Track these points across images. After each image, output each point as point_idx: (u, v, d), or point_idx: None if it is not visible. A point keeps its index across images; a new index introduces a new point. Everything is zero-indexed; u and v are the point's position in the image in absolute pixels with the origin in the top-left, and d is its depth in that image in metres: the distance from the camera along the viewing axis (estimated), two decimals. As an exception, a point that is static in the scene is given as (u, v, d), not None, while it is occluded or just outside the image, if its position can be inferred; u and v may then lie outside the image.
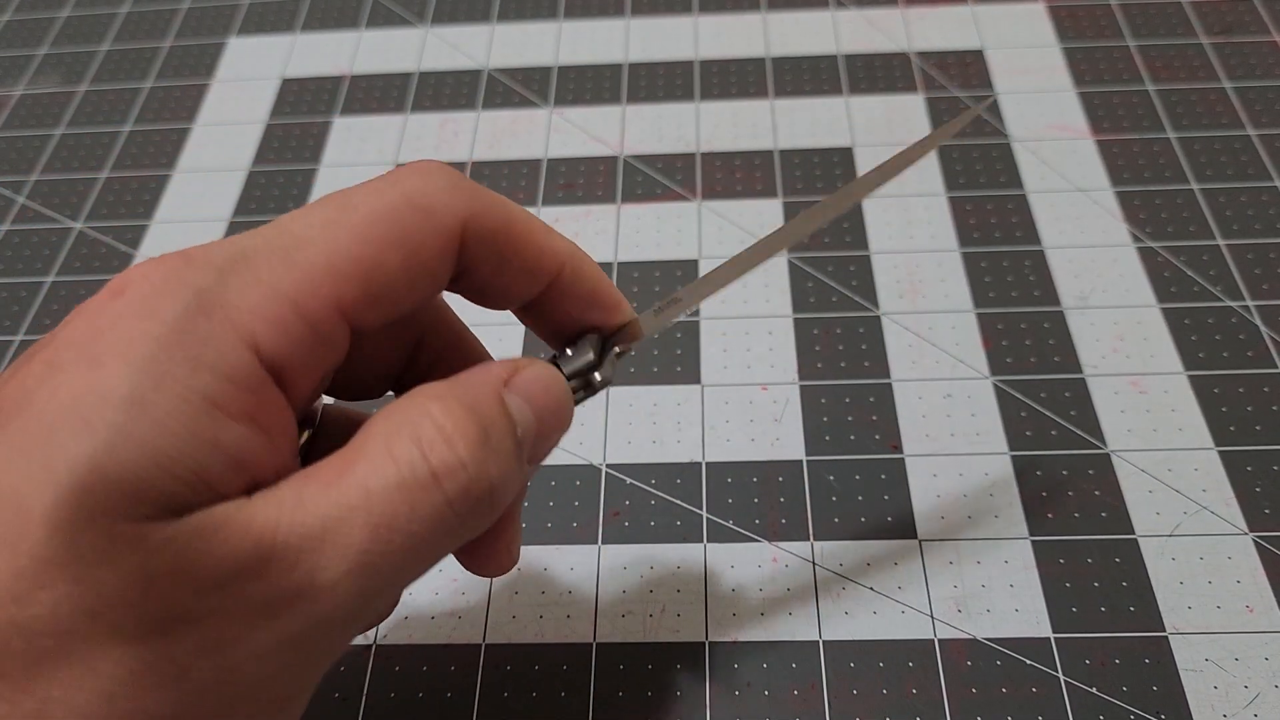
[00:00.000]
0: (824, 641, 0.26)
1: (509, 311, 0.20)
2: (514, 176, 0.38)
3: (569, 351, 0.20)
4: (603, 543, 0.29)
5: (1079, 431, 0.30)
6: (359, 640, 0.27)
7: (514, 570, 0.28)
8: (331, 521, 0.15)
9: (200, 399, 0.14)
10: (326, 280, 0.15)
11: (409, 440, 0.15)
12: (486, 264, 0.18)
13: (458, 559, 0.21)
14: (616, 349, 0.20)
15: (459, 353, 0.21)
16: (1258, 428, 0.30)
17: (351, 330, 0.16)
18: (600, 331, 0.20)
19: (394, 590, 0.16)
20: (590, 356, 0.20)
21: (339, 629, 0.15)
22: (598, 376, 0.20)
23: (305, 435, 0.20)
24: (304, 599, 0.14)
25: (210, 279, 0.15)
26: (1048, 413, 0.30)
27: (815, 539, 0.28)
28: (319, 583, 0.14)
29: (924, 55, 0.41)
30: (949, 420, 0.30)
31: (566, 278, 0.19)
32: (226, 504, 0.14)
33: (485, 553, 0.20)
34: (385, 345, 0.20)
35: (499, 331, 0.33)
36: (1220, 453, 0.29)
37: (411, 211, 0.16)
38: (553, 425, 0.18)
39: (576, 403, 0.20)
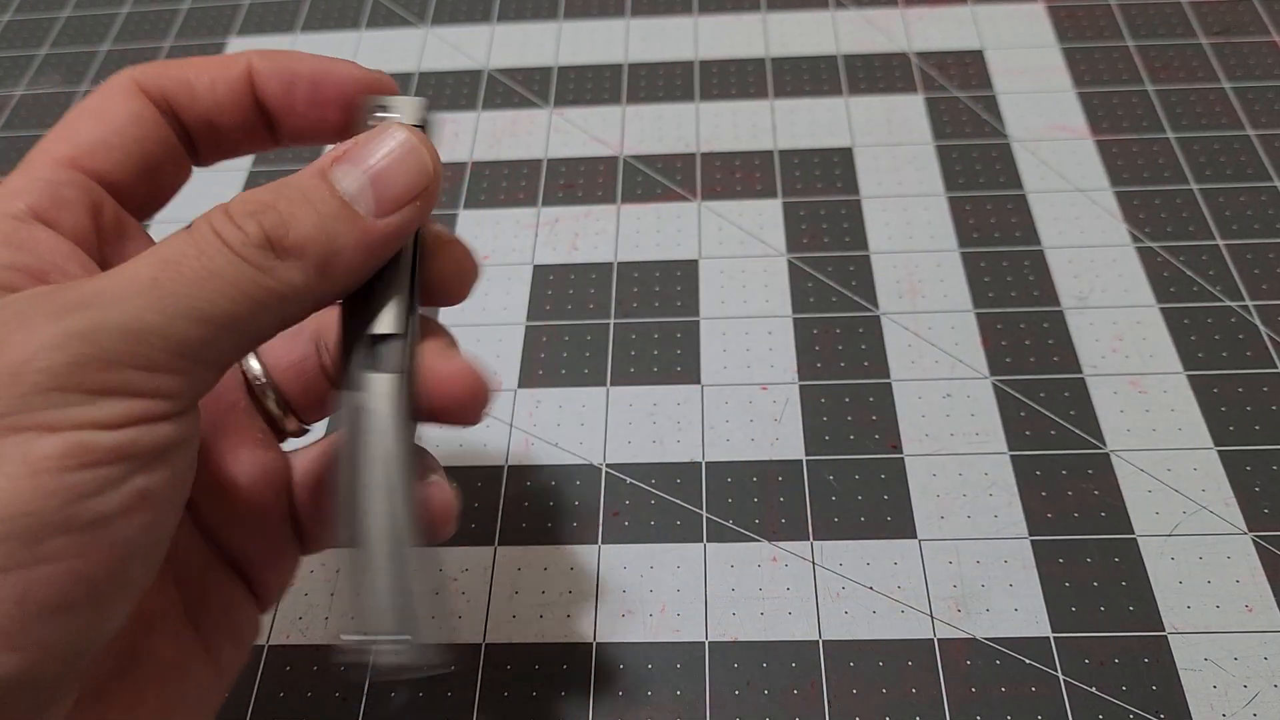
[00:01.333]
0: (823, 641, 0.26)
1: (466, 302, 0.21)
2: (514, 176, 0.38)
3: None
4: (603, 542, 0.29)
5: (1078, 431, 0.30)
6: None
7: (514, 569, 0.28)
8: (126, 267, 0.16)
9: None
10: (48, 154, 0.19)
11: (201, 217, 0.17)
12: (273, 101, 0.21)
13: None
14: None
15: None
16: (1257, 427, 0.30)
17: (105, 186, 0.19)
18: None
19: (211, 331, 0.16)
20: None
21: (135, 338, 0.15)
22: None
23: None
24: (89, 306, 0.15)
25: None
26: (1047, 412, 0.31)
27: (815, 539, 0.28)
28: (107, 295, 0.15)
29: (923, 55, 0.42)
30: (948, 420, 0.30)
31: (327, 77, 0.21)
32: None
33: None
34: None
35: (499, 332, 0.33)
36: (1219, 452, 0.29)
37: (96, 94, 0.20)
38: (399, 172, 0.18)
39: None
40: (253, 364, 0.22)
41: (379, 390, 0.19)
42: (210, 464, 0.20)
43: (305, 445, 0.23)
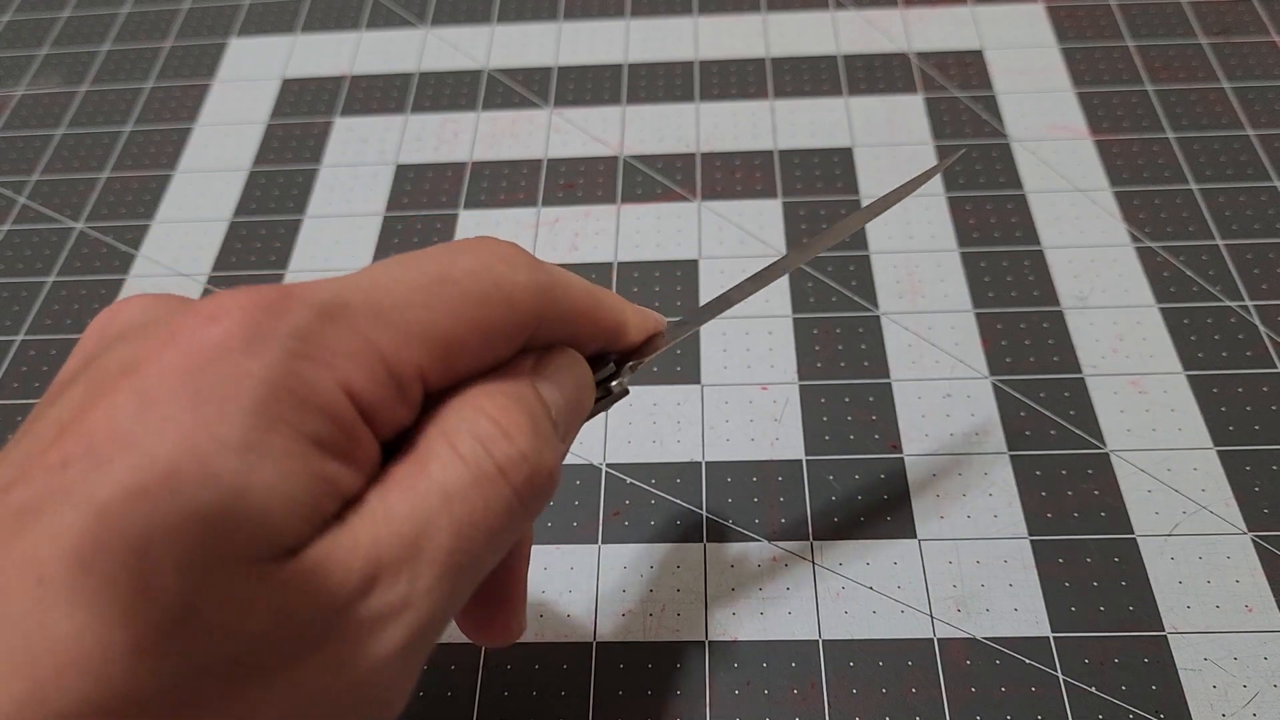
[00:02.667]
0: (823, 641, 0.26)
1: None
2: (514, 176, 0.38)
3: None
4: (603, 542, 0.29)
5: (1078, 431, 0.30)
6: None
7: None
8: (420, 526, 0.15)
9: (310, 441, 0.14)
10: (418, 346, 0.16)
11: (470, 437, 0.16)
12: (550, 338, 0.19)
13: (466, 633, 0.21)
14: (631, 362, 0.21)
15: None
16: (1256, 427, 0.30)
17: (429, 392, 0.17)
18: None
19: (475, 586, 0.17)
20: (610, 366, 0.21)
21: (435, 632, 0.16)
22: (614, 385, 0.21)
23: None
24: (409, 608, 0.15)
25: (309, 321, 0.15)
26: (1047, 412, 0.31)
27: (815, 538, 0.28)
28: (418, 590, 0.15)
29: (923, 56, 0.42)
30: (948, 420, 0.30)
31: (620, 341, 0.21)
32: (333, 532, 0.15)
33: (494, 619, 0.21)
34: None
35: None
36: (1219, 452, 0.29)
37: (498, 300, 0.17)
38: (579, 402, 0.19)
39: (596, 411, 0.21)
40: None
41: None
42: None
43: None
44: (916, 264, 0.34)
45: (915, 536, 0.28)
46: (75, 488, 0.13)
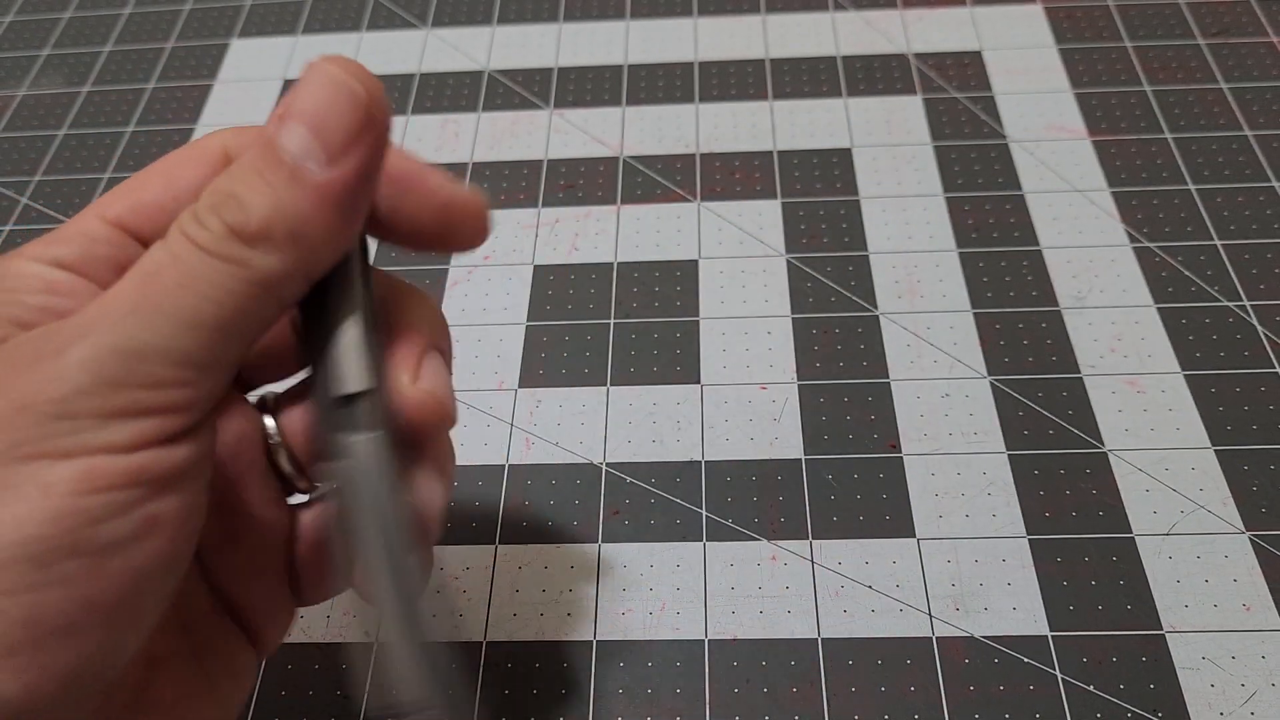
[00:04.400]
0: (822, 639, 0.26)
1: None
2: (514, 177, 0.38)
3: None
4: (603, 541, 0.29)
5: (1076, 431, 0.30)
6: (362, 638, 0.27)
7: (515, 568, 0.28)
8: (114, 288, 0.16)
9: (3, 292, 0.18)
10: (96, 209, 0.19)
11: (173, 223, 0.17)
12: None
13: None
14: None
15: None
16: (1254, 427, 0.30)
17: (148, 241, 0.19)
18: None
19: (205, 335, 0.16)
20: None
21: (131, 359, 0.16)
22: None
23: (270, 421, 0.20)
24: (86, 336, 0.16)
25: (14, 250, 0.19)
26: (1045, 412, 0.31)
27: (814, 537, 0.28)
28: (98, 322, 0.16)
29: (922, 57, 0.42)
30: (947, 419, 0.31)
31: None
32: None
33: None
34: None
35: (499, 332, 0.34)
36: (1217, 452, 0.29)
37: (179, 149, 0.20)
38: (336, 112, 0.17)
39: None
40: (268, 422, 0.21)
41: (360, 454, 0.17)
42: (222, 515, 0.20)
43: (304, 501, 0.22)
44: (915, 264, 0.35)
45: (914, 535, 0.28)
46: None
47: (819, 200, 0.37)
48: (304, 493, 0.22)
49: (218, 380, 0.17)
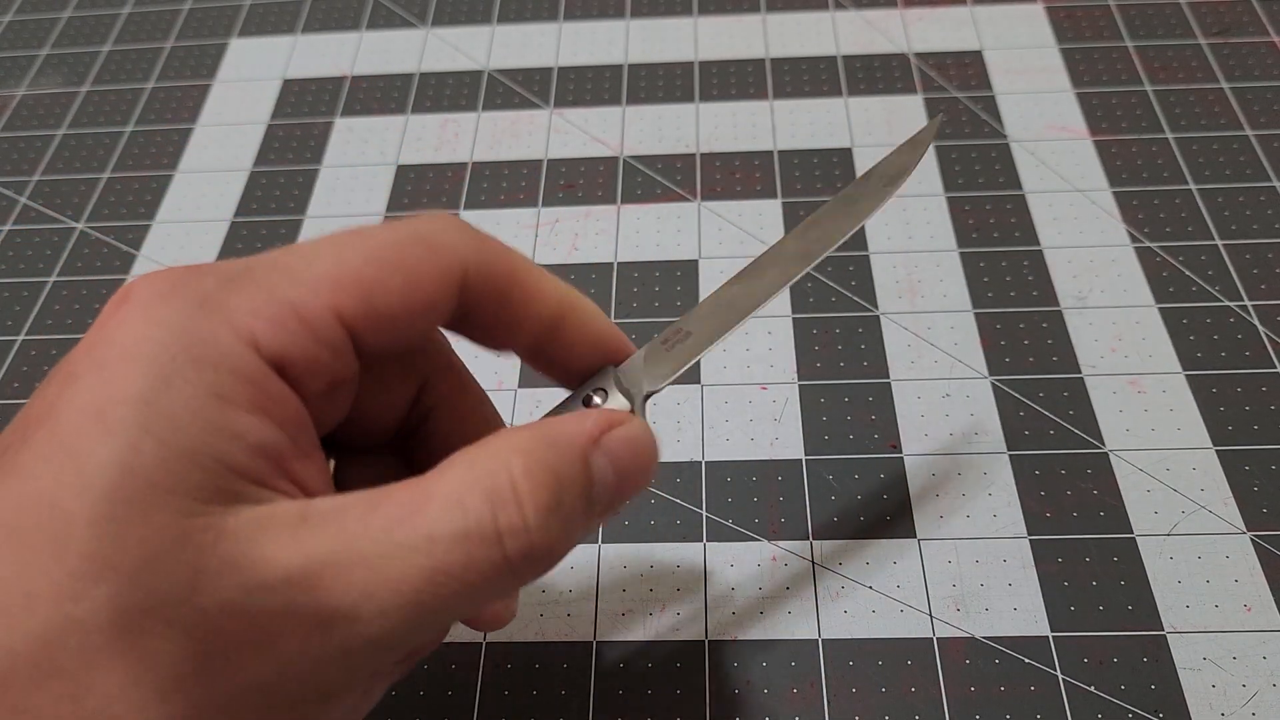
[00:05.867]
0: (823, 640, 0.26)
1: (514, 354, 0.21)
2: (514, 177, 0.38)
3: (597, 400, 0.20)
4: (603, 542, 0.29)
5: (1077, 431, 0.30)
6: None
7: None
8: (391, 557, 0.15)
9: (207, 392, 0.14)
10: (326, 289, 0.16)
11: (482, 495, 0.16)
12: (487, 304, 0.18)
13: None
14: (647, 390, 0.21)
15: (463, 399, 0.21)
16: (1255, 427, 0.30)
17: (356, 349, 0.17)
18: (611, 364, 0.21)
19: (441, 627, 0.17)
20: (623, 400, 0.20)
21: (384, 652, 0.16)
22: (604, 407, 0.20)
23: (332, 463, 0.20)
24: (353, 620, 0.15)
25: (211, 286, 0.15)
26: (1046, 412, 0.31)
27: (814, 538, 0.28)
28: (368, 609, 0.15)
29: (923, 56, 0.42)
30: (948, 420, 0.31)
31: (569, 321, 0.20)
32: (283, 503, 0.15)
33: (482, 613, 0.21)
34: (391, 383, 0.20)
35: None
36: (1218, 452, 0.29)
37: (416, 243, 0.17)
38: (633, 484, 0.18)
39: None
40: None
41: None
42: None
43: None
44: (916, 264, 0.35)
45: (915, 536, 0.28)
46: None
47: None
48: None
49: None
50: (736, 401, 0.31)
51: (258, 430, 0.15)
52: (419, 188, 0.38)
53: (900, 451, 0.30)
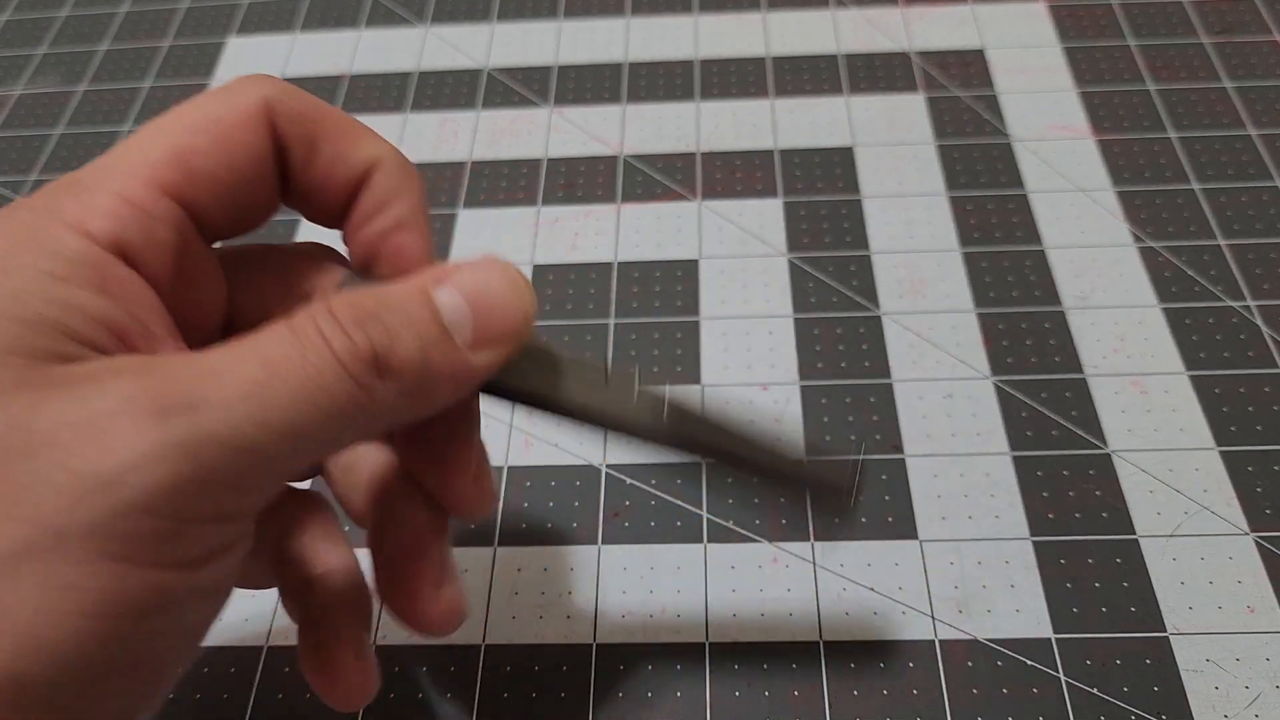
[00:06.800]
0: (824, 642, 0.26)
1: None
2: (514, 176, 0.38)
3: None
4: (603, 543, 0.28)
5: (1080, 431, 0.30)
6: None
7: (514, 570, 0.28)
8: (225, 359, 0.15)
9: (43, 274, 0.15)
10: (145, 169, 0.17)
11: (307, 317, 0.16)
12: (298, 147, 0.18)
13: (438, 495, 0.20)
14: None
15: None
16: (1259, 428, 0.30)
17: (204, 227, 0.18)
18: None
19: (299, 445, 0.15)
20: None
21: (234, 455, 0.14)
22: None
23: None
24: (194, 410, 0.14)
25: (43, 198, 0.16)
26: (1048, 413, 0.30)
27: (816, 539, 0.28)
28: (211, 398, 0.14)
29: (924, 55, 0.41)
30: (950, 420, 0.30)
31: (376, 181, 0.19)
32: (126, 357, 0.15)
33: (454, 485, 0.20)
34: (268, 281, 0.20)
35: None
36: (1221, 453, 0.29)
37: (217, 99, 0.18)
38: (503, 306, 0.18)
39: None
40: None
41: None
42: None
43: None
44: (918, 264, 0.34)
45: (917, 537, 0.28)
46: None
47: (820, 199, 0.37)
48: None
49: (279, 491, 0.16)
50: (737, 402, 0.31)
51: (97, 305, 0.15)
52: (418, 187, 0.38)
53: (902, 452, 0.30)
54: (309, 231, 0.37)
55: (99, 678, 0.14)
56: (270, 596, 0.28)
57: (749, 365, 0.32)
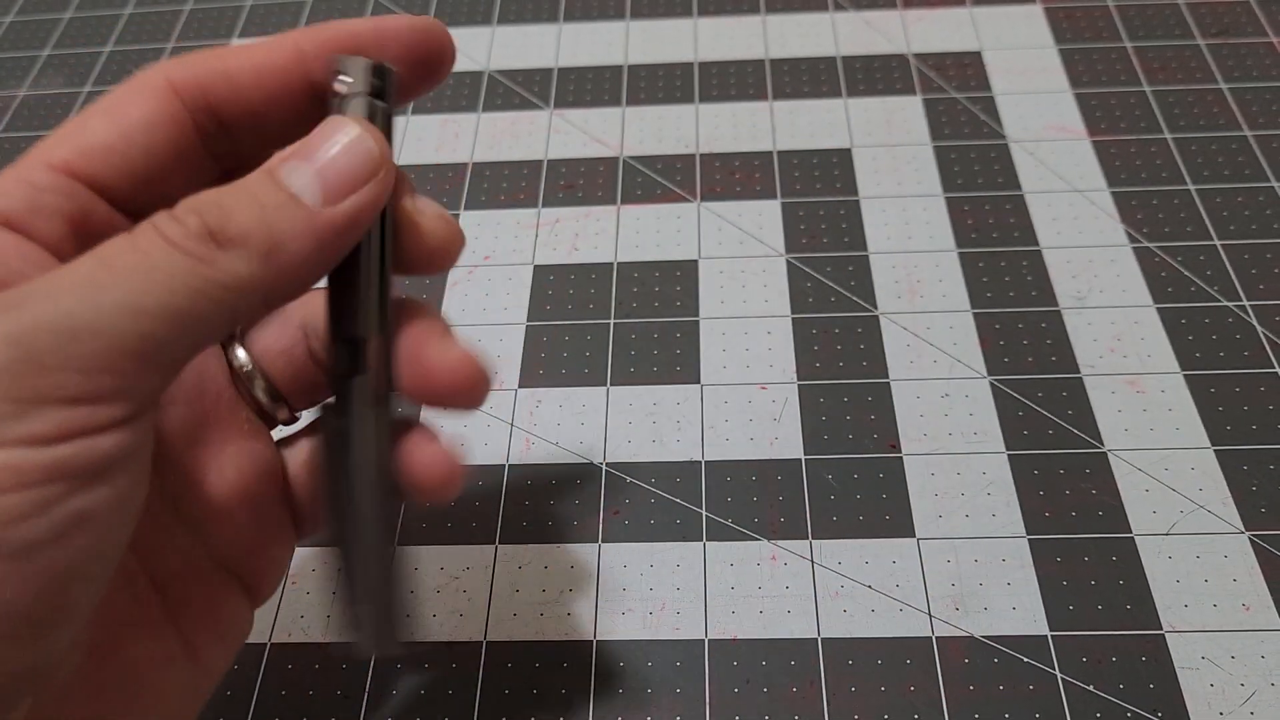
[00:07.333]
0: (822, 639, 0.26)
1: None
2: (514, 177, 0.39)
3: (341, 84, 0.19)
4: (603, 541, 0.29)
5: (1076, 431, 0.30)
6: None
7: (515, 568, 0.28)
8: (66, 267, 0.16)
9: None
10: (39, 152, 0.18)
11: (146, 223, 0.16)
12: (223, 109, 0.19)
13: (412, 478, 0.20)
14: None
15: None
16: (1254, 427, 0.30)
17: (93, 184, 0.18)
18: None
19: (142, 322, 0.15)
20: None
21: (67, 338, 0.15)
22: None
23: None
24: (21, 305, 0.15)
25: None
26: (1045, 412, 0.31)
27: (814, 537, 0.28)
28: (38, 292, 0.15)
29: (922, 57, 0.42)
30: (947, 419, 0.31)
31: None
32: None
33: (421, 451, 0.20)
34: None
35: (499, 332, 0.34)
36: (1216, 452, 0.30)
37: (120, 87, 0.19)
38: (356, 165, 0.18)
39: None
40: (239, 353, 0.21)
41: (352, 396, 0.19)
42: (195, 459, 0.19)
43: (300, 429, 0.22)
44: (915, 264, 0.35)
45: (914, 535, 0.28)
46: None
47: (819, 200, 0.37)
48: (286, 423, 0.22)
49: (157, 379, 0.16)
50: (736, 401, 0.31)
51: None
52: (419, 188, 0.38)
53: (899, 451, 0.30)
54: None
55: None
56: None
57: (748, 365, 0.32)
